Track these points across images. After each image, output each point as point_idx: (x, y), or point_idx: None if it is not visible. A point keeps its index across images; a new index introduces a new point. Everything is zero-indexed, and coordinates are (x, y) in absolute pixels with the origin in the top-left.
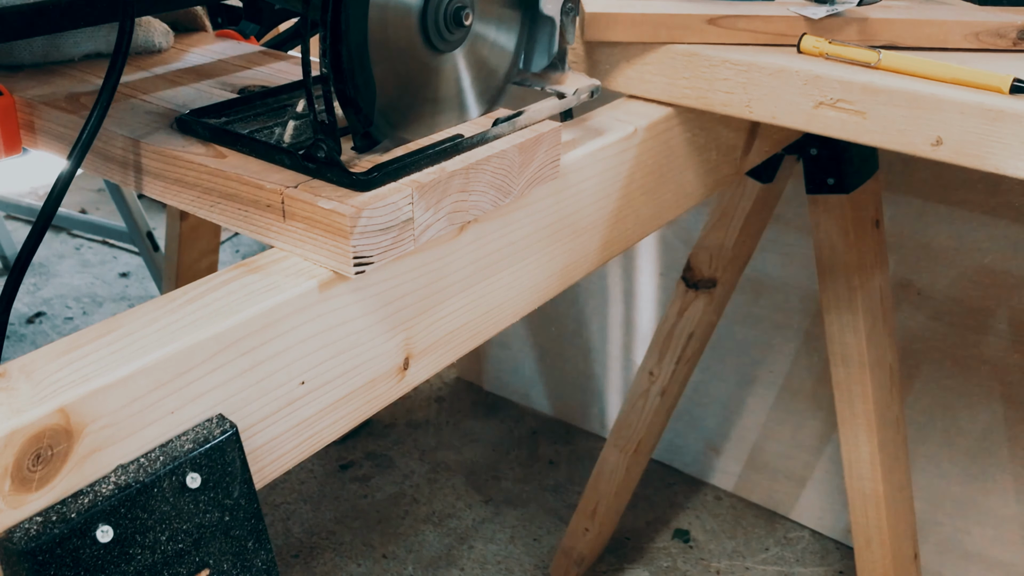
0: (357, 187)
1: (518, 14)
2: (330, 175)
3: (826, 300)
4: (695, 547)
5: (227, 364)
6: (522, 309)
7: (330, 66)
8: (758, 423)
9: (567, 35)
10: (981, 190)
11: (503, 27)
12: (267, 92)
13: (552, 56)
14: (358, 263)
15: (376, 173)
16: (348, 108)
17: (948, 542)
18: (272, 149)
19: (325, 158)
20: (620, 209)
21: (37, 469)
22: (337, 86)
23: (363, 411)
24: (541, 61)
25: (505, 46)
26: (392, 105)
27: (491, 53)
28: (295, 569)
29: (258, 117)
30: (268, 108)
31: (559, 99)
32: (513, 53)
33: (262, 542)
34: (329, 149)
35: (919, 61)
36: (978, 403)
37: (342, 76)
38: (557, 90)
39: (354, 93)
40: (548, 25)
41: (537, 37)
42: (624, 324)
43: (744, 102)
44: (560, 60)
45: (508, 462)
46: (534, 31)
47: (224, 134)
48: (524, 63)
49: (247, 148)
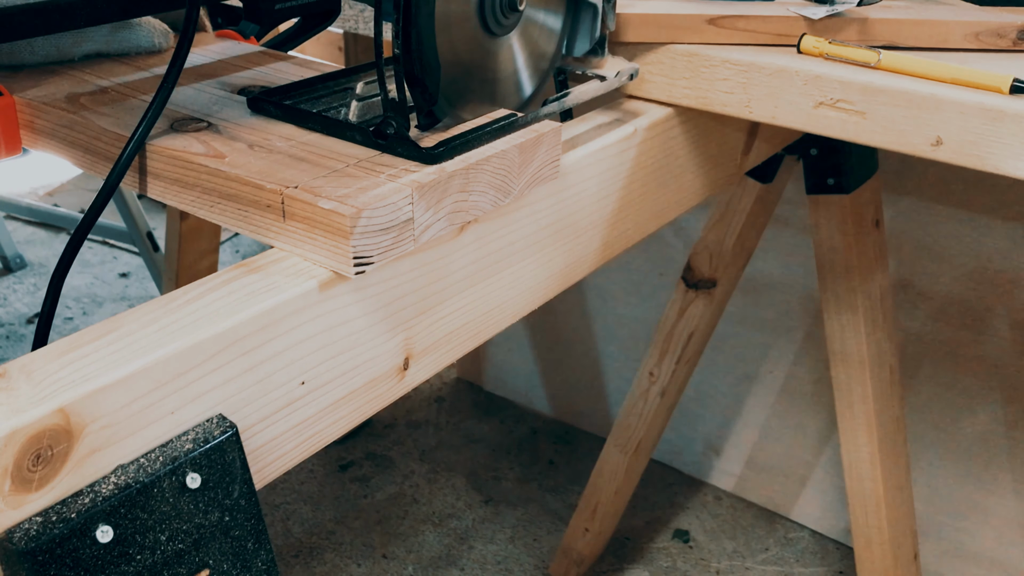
0: (427, 160)
1: (564, 1)
2: (400, 150)
3: (826, 300)
4: (695, 547)
5: (227, 364)
6: (522, 309)
7: (401, 47)
8: (758, 423)
9: (608, 21)
10: (981, 190)
11: (551, 12)
12: (327, 76)
13: (594, 41)
14: (358, 263)
15: (442, 148)
16: (415, 87)
17: (948, 542)
18: (343, 126)
19: (395, 133)
20: (620, 209)
21: (37, 469)
22: (406, 67)
23: (363, 411)
24: (583, 46)
25: (553, 29)
26: (453, 85)
27: (540, 36)
28: (295, 569)
29: (321, 99)
30: (329, 91)
31: (600, 81)
32: (559, 36)
33: (262, 542)
34: (399, 125)
35: (919, 61)
36: (978, 403)
37: (411, 57)
38: (598, 73)
39: (421, 73)
40: (590, 11)
41: (580, 22)
42: (624, 324)
43: (744, 102)
44: (600, 45)
45: (508, 462)
46: (577, 17)
47: (296, 112)
48: (567, 48)
49: (319, 125)
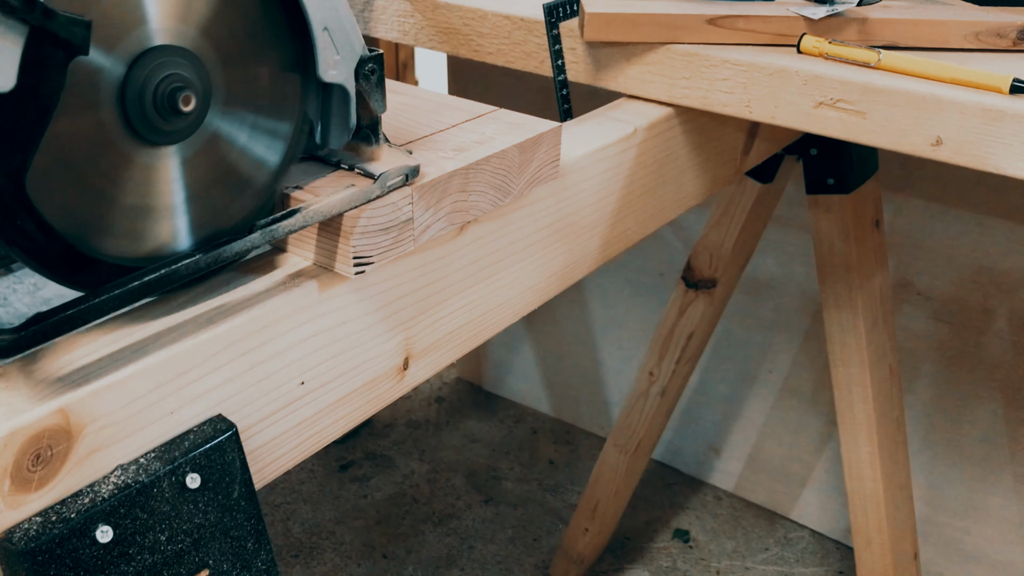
0: None
1: (295, 81)
2: None
3: (826, 300)
4: (695, 547)
5: (227, 364)
6: (522, 309)
7: None
8: (758, 423)
9: (373, 102)
10: (981, 190)
11: (260, 115)
12: None
13: (350, 131)
14: (358, 263)
15: (23, 331)
16: None
17: (948, 542)
18: None
19: None
20: (620, 209)
21: (37, 469)
22: None
23: (363, 411)
24: (340, 137)
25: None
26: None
27: (239, 145)
28: (295, 569)
29: None
30: None
31: (348, 189)
32: (287, 140)
33: (262, 542)
34: None
35: (919, 61)
36: (978, 403)
37: None
38: (367, 169)
39: None
40: (340, 94)
41: (332, 108)
42: (624, 324)
43: (744, 102)
44: (372, 131)
45: (508, 462)
46: (328, 102)
47: None
48: (321, 138)
49: None
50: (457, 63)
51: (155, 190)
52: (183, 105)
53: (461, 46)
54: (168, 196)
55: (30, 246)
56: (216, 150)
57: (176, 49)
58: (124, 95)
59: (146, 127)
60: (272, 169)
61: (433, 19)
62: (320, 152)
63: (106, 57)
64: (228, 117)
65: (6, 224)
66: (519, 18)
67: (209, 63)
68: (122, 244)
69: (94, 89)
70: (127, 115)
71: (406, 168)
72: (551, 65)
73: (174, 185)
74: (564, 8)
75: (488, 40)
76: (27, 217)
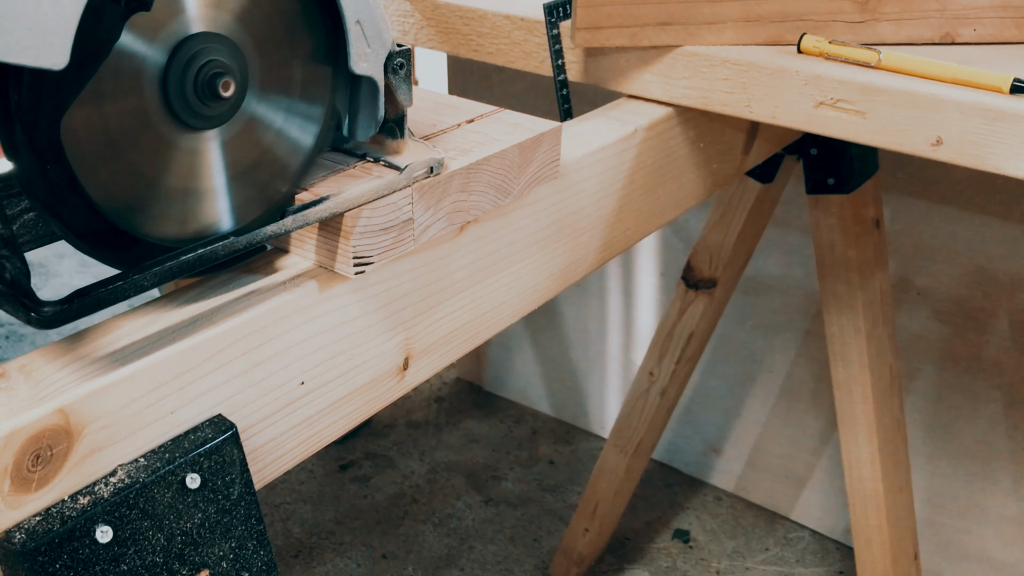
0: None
1: (327, 71)
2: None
3: (826, 300)
4: (695, 547)
5: (227, 364)
6: (522, 309)
7: None
8: (758, 423)
9: (400, 96)
10: (981, 190)
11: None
12: None
13: (377, 123)
14: (358, 263)
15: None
16: None
17: (948, 542)
18: None
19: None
20: (620, 209)
21: (36, 469)
22: None
23: (363, 411)
24: (367, 129)
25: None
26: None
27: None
28: (295, 569)
29: None
30: None
31: (377, 180)
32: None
33: (262, 542)
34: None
35: (919, 61)
36: (978, 403)
37: None
38: (392, 161)
39: None
40: (369, 87)
41: (359, 101)
42: (624, 324)
43: (744, 102)
44: (398, 124)
45: (508, 462)
46: (356, 94)
47: None
48: (348, 130)
49: None
50: (457, 63)
51: (197, 173)
52: (223, 90)
53: (461, 46)
54: (209, 179)
55: (74, 223)
56: (254, 133)
57: (214, 36)
58: (166, 81)
59: (187, 112)
60: (306, 152)
61: (433, 19)
62: (345, 145)
63: (148, 46)
64: (264, 102)
65: (53, 200)
66: (519, 18)
67: (246, 49)
68: (166, 225)
69: (138, 76)
70: (169, 101)
71: (432, 161)
72: (551, 65)
73: (215, 168)
74: (564, 8)
75: (488, 40)
76: (58, 168)
